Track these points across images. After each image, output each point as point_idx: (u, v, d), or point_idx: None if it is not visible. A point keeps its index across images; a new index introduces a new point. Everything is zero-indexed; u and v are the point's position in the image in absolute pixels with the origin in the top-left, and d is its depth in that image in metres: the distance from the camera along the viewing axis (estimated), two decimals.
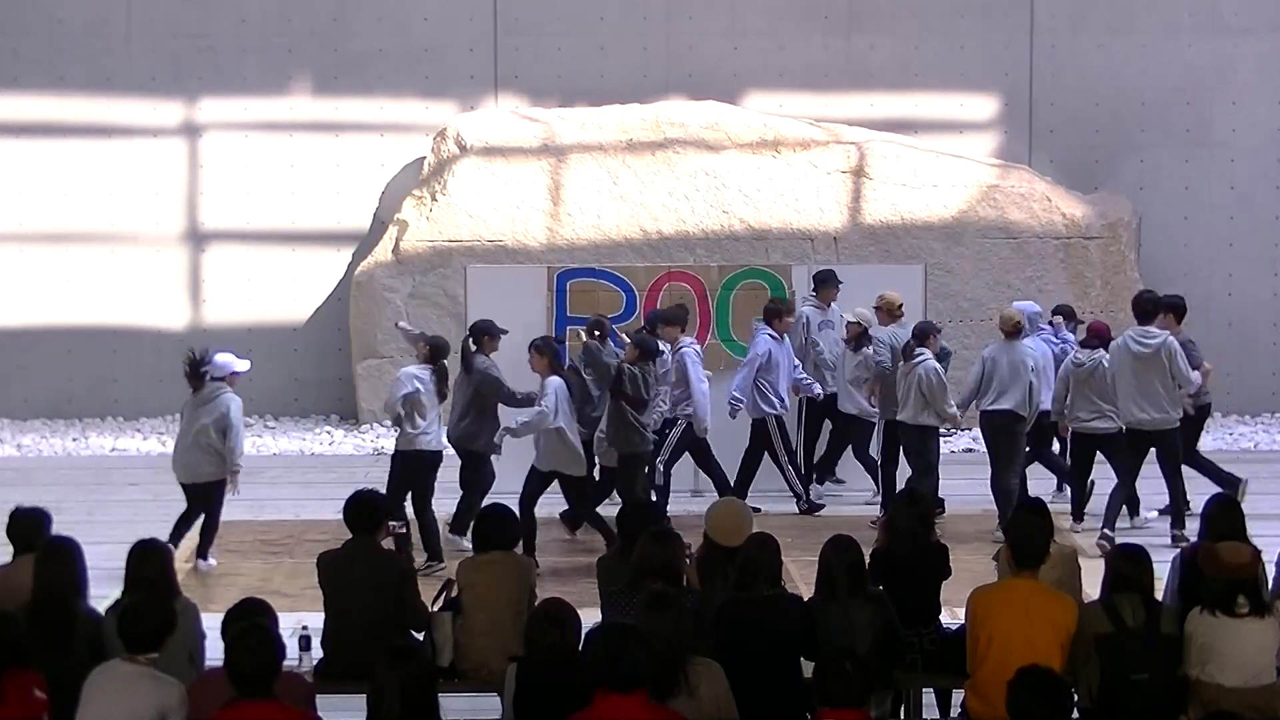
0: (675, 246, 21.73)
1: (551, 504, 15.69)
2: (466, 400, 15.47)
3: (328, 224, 22.97)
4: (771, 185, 21.92)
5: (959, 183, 22.13)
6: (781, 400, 17.02)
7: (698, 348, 17.02)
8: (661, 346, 16.18)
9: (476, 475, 15.54)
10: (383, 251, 22.11)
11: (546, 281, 18.01)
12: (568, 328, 17.66)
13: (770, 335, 17.03)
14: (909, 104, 23.03)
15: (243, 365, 15.15)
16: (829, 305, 17.77)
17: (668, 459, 16.75)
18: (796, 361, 17.27)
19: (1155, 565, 9.50)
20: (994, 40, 23.05)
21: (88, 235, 22.83)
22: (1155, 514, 16.30)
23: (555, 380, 15.09)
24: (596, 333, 16.16)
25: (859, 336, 17.20)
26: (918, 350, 15.85)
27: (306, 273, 22.90)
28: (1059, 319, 17.81)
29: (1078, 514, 16.30)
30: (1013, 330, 16.14)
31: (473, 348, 15.51)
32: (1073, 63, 23.07)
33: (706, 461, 17.04)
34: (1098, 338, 16.16)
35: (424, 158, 22.49)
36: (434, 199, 22.04)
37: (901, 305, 16.98)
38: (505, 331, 15.70)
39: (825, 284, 17.79)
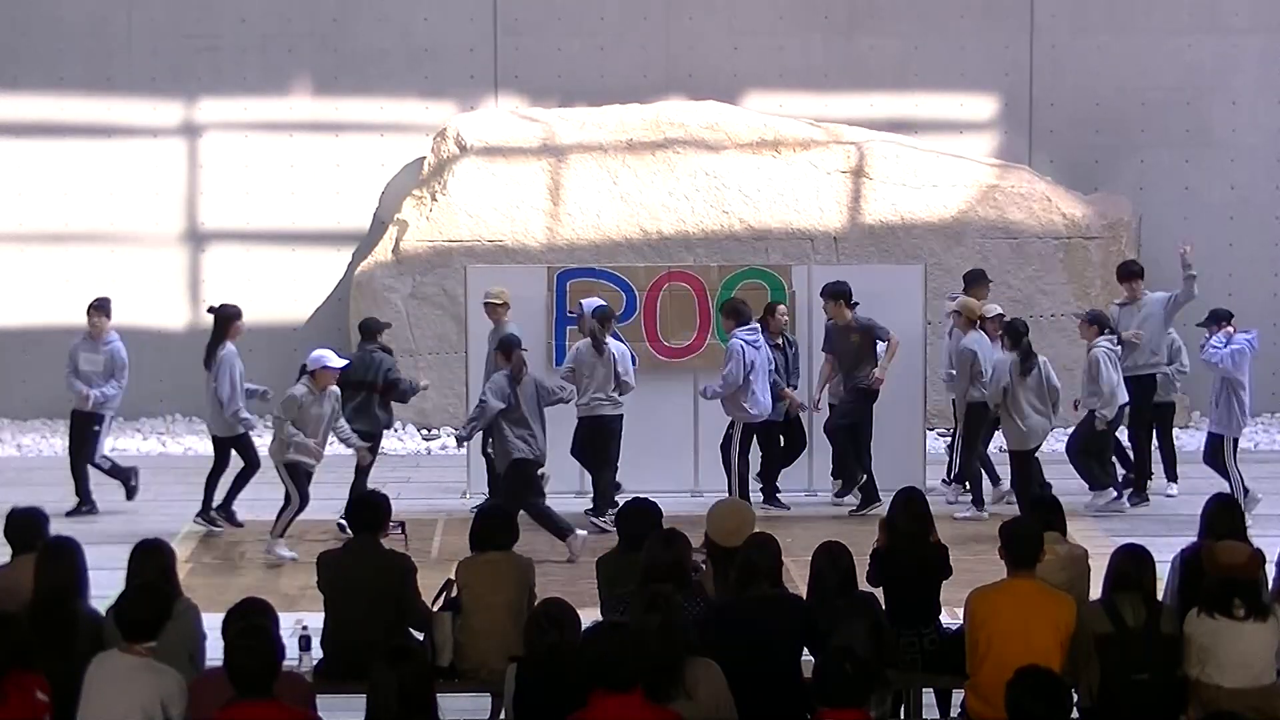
0: (675, 246, 21.72)
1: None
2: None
3: (328, 224, 22.96)
4: (771, 185, 21.91)
5: (959, 183, 22.12)
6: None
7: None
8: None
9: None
10: (383, 251, 22.10)
11: (546, 281, 18.01)
12: (567, 329, 17.67)
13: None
14: (909, 104, 23.02)
15: (337, 362, 15.39)
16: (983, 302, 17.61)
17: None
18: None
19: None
20: (994, 40, 23.03)
21: (88, 235, 22.82)
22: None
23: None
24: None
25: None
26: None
27: (306, 273, 22.88)
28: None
29: None
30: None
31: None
32: (1073, 63, 23.06)
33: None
34: None
35: (424, 158, 22.48)
36: (434, 199, 22.03)
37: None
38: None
39: (976, 283, 17.73)
